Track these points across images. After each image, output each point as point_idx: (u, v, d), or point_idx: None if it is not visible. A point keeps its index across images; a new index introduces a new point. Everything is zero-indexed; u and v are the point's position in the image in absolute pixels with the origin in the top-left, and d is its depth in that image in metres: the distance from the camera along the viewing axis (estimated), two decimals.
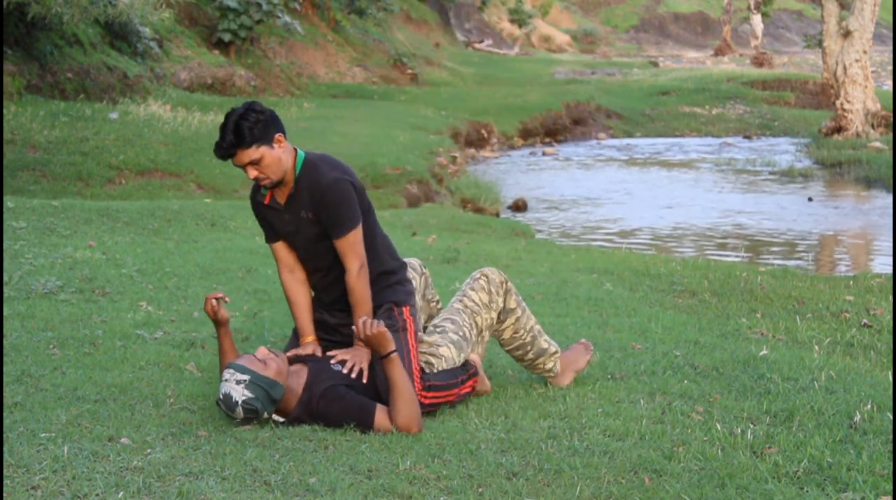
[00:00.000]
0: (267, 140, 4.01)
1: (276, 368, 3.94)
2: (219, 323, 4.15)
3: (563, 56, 48.51)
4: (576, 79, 32.68)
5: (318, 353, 4.18)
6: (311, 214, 4.12)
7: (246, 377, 3.86)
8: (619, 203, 14.67)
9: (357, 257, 4.10)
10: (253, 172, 4.04)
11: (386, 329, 3.96)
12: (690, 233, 12.31)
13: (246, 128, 3.96)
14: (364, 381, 4.04)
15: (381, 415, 3.93)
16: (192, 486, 3.24)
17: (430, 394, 4.12)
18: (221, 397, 3.85)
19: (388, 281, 4.27)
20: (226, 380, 3.86)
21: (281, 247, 4.26)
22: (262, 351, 3.96)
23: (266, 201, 4.20)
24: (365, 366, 4.04)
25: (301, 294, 4.26)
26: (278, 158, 4.05)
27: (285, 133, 4.09)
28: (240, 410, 3.84)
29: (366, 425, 3.92)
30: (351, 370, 4.07)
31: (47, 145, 12.78)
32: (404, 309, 4.24)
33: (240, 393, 3.84)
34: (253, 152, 3.99)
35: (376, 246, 4.26)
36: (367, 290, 4.11)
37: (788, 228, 12.45)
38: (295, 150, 4.15)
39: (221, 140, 4.00)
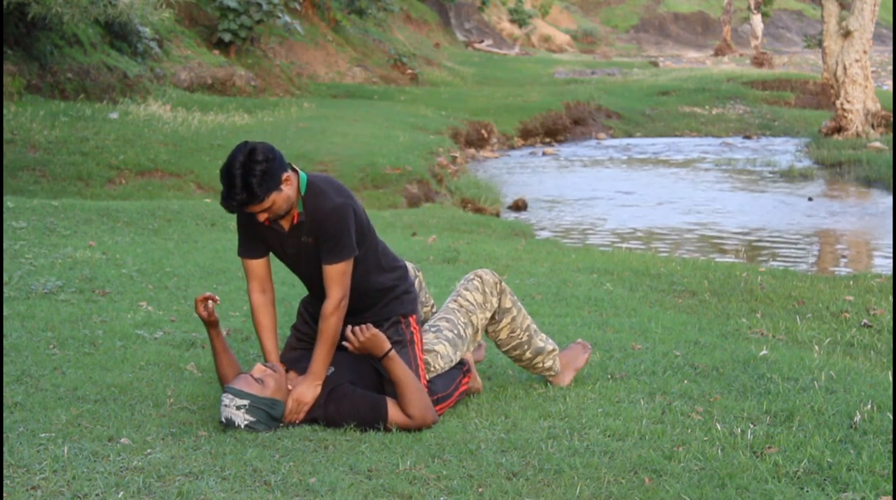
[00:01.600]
0: (275, 187, 3.90)
1: (273, 385, 3.93)
2: (210, 325, 4.10)
3: (563, 56, 48.48)
4: (576, 79, 32.63)
5: None
6: (312, 239, 4.05)
7: (245, 402, 3.85)
8: (619, 203, 14.67)
9: (341, 288, 4.01)
10: (263, 216, 3.95)
11: (376, 330, 3.92)
12: (690, 233, 12.31)
13: (255, 184, 3.82)
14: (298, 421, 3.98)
15: (394, 408, 3.92)
16: (192, 486, 3.24)
17: (437, 407, 4.11)
18: (224, 421, 3.86)
19: (394, 293, 4.25)
20: (226, 405, 3.85)
21: (257, 264, 4.15)
22: (258, 369, 3.95)
23: (266, 222, 4.06)
24: (306, 408, 3.97)
25: (269, 317, 4.15)
26: (287, 196, 3.96)
27: (286, 166, 3.97)
28: (242, 430, 3.85)
29: (380, 419, 3.90)
30: (354, 371, 4.07)
31: (47, 145, 12.78)
32: (411, 319, 4.23)
33: (241, 418, 3.84)
34: (265, 204, 3.90)
35: (379, 264, 4.22)
36: (339, 325, 4.01)
37: (788, 228, 12.45)
38: (296, 172, 4.04)
39: (230, 197, 3.85)
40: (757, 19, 43.18)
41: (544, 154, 20.65)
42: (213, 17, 23.27)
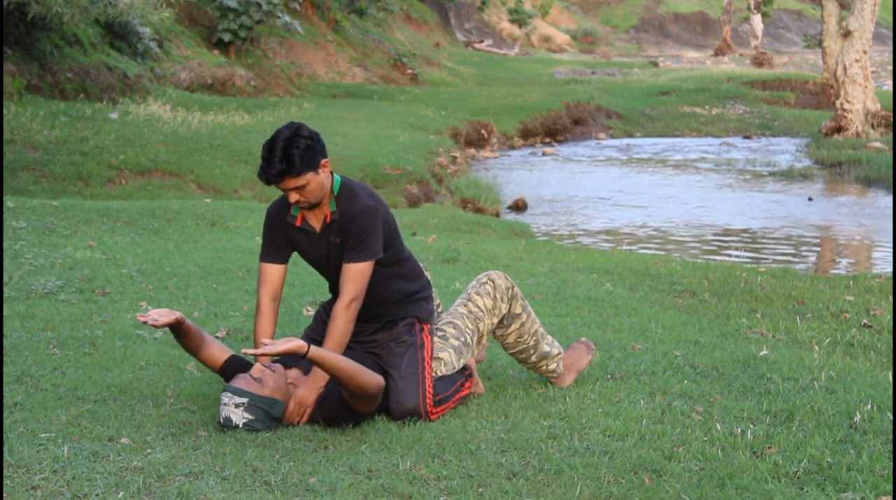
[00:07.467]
0: (314, 167, 3.96)
1: (272, 384, 3.92)
2: (171, 327, 3.98)
3: (563, 56, 48.49)
4: (576, 79, 32.63)
5: None
6: (339, 239, 4.09)
7: (244, 400, 3.84)
8: (619, 203, 14.67)
9: (355, 289, 4.02)
10: (294, 196, 3.99)
11: (278, 344, 3.74)
12: (690, 233, 12.31)
13: (296, 156, 3.90)
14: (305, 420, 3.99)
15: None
16: (192, 486, 3.24)
17: (438, 408, 4.12)
18: (222, 420, 3.85)
19: (414, 298, 4.27)
20: (224, 404, 3.85)
21: (276, 270, 4.17)
22: (257, 368, 3.94)
23: (297, 223, 4.13)
24: (309, 410, 3.97)
25: (271, 324, 4.15)
26: (322, 183, 4.01)
27: (327, 155, 4.05)
28: (242, 430, 3.85)
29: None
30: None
31: (47, 145, 12.78)
32: (425, 327, 4.24)
33: (239, 416, 3.84)
34: (301, 180, 3.94)
35: (403, 272, 4.25)
36: (348, 326, 4.01)
37: (788, 229, 12.45)
38: (331, 173, 4.11)
39: (269, 166, 3.92)
40: (757, 19, 43.20)
41: (544, 154, 20.65)
42: (213, 17, 23.28)
